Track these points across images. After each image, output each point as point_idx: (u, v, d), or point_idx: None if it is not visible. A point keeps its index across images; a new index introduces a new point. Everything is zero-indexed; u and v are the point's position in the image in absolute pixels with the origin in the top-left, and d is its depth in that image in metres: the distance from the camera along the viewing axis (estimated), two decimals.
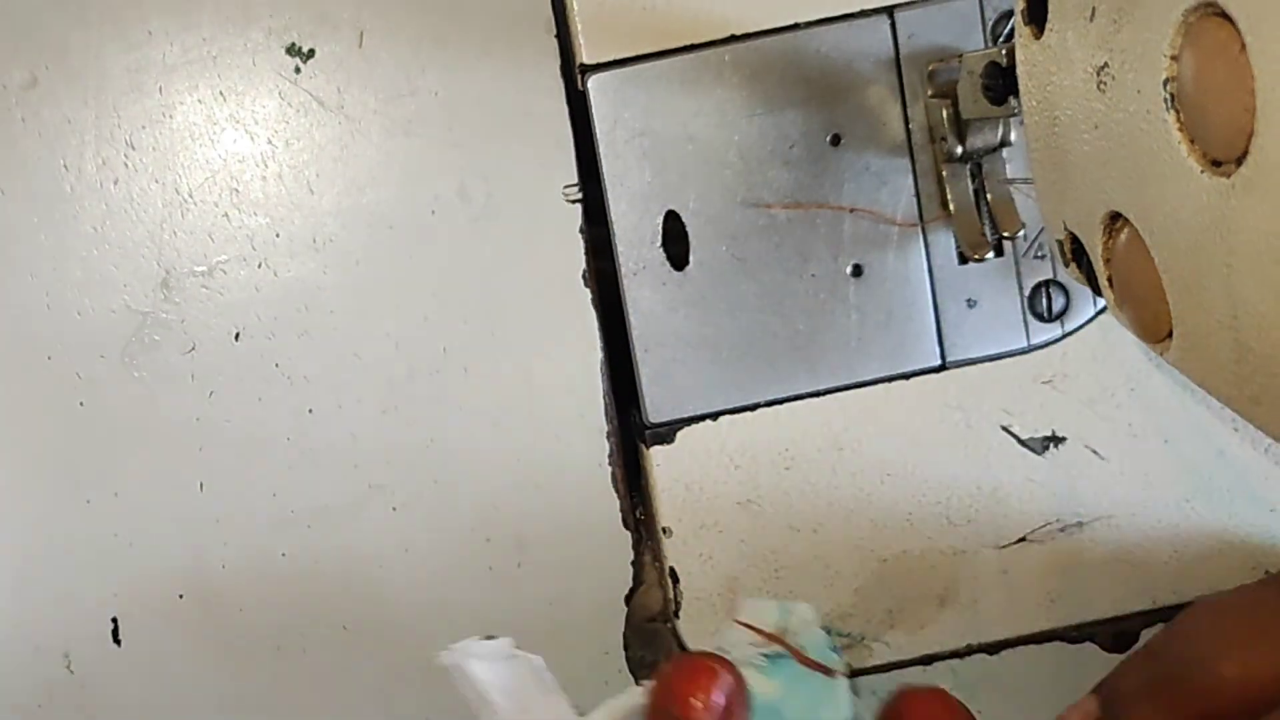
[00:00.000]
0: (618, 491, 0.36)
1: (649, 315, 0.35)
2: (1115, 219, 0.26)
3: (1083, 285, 0.30)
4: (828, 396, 0.35)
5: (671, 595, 0.36)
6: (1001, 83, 0.31)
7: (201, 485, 0.35)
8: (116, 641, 0.36)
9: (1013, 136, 0.33)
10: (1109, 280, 0.27)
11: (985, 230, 0.34)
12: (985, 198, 0.34)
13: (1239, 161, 0.20)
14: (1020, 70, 0.29)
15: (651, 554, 0.37)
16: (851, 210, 0.35)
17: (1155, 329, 0.25)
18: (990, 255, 0.34)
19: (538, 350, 0.35)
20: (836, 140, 0.35)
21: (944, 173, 0.34)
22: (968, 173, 0.34)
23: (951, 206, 0.34)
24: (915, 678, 0.37)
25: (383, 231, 0.35)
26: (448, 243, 0.35)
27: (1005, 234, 0.34)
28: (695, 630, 0.36)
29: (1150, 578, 0.30)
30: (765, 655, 0.29)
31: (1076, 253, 0.29)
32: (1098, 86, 0.24)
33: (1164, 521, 0.31)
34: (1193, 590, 0.35)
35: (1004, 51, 0.30)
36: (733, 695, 0.25)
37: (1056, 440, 0.34)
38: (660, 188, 0.35)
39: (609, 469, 0.36)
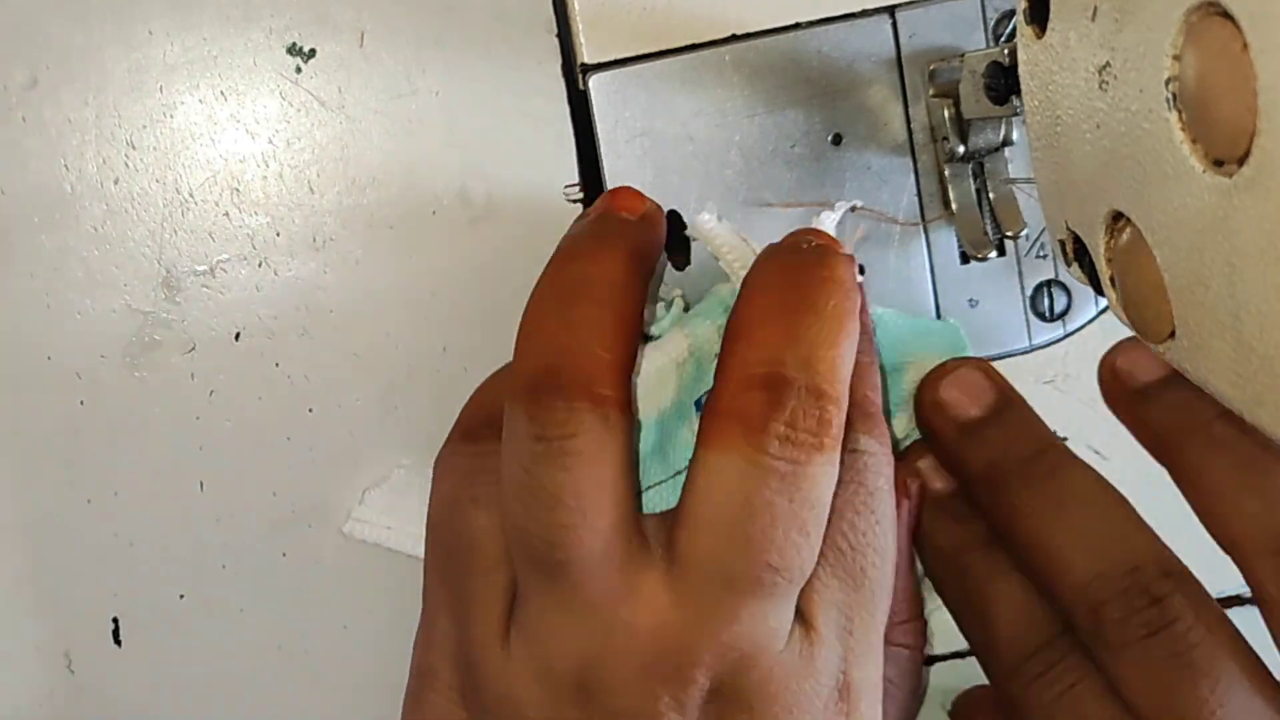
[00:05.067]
0: None
1: None
2: (1117, 219, 0.26)
3: (1085, 285, 0.30)
4: None
5: None
6: (1004, 82, 0.31)
7: (201, 485, 0.35)
8: (117, 642, 0.36)
9: (1015, 136, 0.33)
10: (1111, 280, 0.27)
11: (987, 230, 0.34)
12: (987, 197, 0.34)
13: (1241, 161, 0.20)
14: (1022, 70, 0.29)
15: None
16: (853, 209, 0.35)
17: (1157, 329, 0.25)
18: (992, 255, 0.34)
19: None
20: (838, 140, 0.35)
21: (946, 172, 0.34)
22: (970, 172, 0.34)
23: (954, 206, 0.34)
24: None
25: (383, 231, 0.35)
26: (448, 243, 0.35)
27: (1008, 233, 0.34)
28: None
29: None
30: None
31: (1078, 252, 0.29)
32: (1100, 86, 0.24)
33: (1165, 522, 0.31)
34: None
35: (1006, 51, 0.30)
36: None
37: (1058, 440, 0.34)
38: (661, 187, 0.34)
39: None
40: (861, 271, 0.35)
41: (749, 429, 0.26)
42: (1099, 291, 0.28)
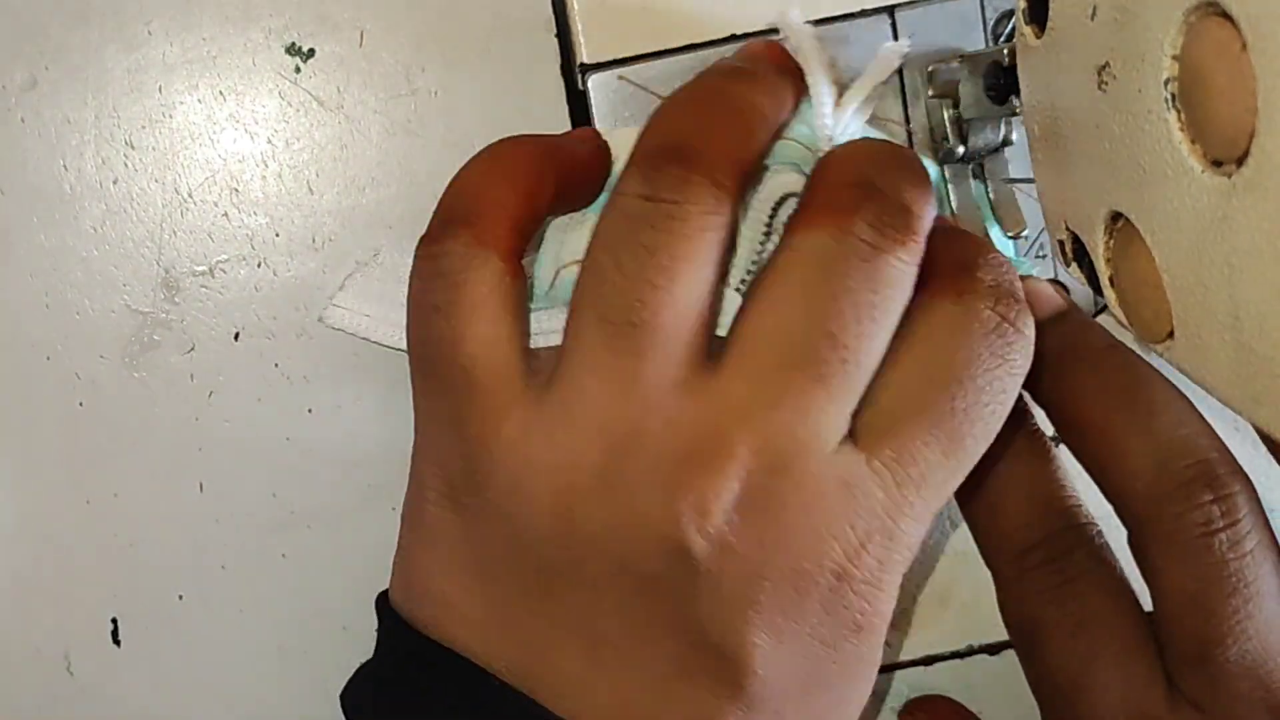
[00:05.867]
0: None
1: None
2: (1116, 219, 0.26)
3: (1084, 285, 0.30)
4: None
5: None
6: (1003, 82, 0.31)
7: (201, 485, 0.35)
8: (116, 642, 0.36)
9: (1014, 136, 0.33)
10: (1110, 280, 0.27)
11: (989, 230, 0.34)
12: (988, 197, 0.34)
13: (1240, 161, 0.20)
14: (1021, 70, 0.29)
15: None
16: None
17: (1156, 329, 0.25)
18: None
19: None
20: None
21: (946, 173, 0.34)
22: (969, 173, 0.34)
23: (954, 206, 0.34)
24: (916, 678, 0.37)
25: (382, 231, 0.35)
26: None
27: (1008, 234, 0.34)
28: None
29: None
30: None
31: (1078, 252, 0.29)
32: (1099, 86, 0.24)
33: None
34: None
35: (1006, 51, 0.30)
36: None
37: (1057, 441, 0.34)
38: None
39: None
40: None
41: (839, 213, 0.26)
42: (1098, 291, 0.28)
